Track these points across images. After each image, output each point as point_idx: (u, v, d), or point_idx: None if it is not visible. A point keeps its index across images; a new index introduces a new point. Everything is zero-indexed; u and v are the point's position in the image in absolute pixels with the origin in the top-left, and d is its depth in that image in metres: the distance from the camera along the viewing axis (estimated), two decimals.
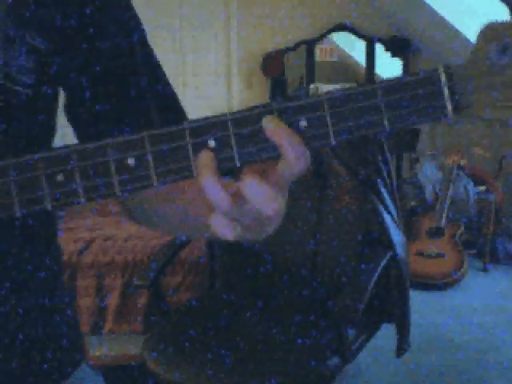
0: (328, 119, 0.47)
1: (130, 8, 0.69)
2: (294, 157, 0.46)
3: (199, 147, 0.48)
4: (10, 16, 0.60)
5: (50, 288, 0.70)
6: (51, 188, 0.49)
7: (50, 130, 0.70)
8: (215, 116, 0.49)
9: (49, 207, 0.49)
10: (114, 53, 0.67)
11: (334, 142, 0.48)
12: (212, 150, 0.48)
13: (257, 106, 0.49)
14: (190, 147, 0.48)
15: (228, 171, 0.52)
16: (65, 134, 0.79)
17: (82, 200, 0.49)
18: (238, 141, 0.48)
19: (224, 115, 0.48)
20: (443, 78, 0.46)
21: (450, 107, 0.46)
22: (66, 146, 0.49)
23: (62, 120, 0.71)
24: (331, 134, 0.47)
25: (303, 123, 0.48)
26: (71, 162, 0.49)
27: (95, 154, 0.48)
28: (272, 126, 0.47)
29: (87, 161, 0.48)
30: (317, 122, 0.47)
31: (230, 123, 0.48)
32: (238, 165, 0.49)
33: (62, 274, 0.75)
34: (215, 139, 0.48)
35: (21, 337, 0.66)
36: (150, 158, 0.48)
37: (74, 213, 3.02)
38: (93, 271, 2.32)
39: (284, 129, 0.46)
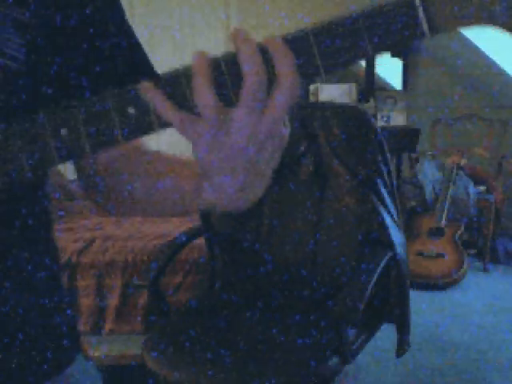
0: (315, 49, 0.50)
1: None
2: (290, 83, 0.50)
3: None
4: None
5: (50, 288, 0.70)
6: (57, 142, 0.50)
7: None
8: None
9: (57, 161, 0.51)
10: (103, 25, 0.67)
11: (322, 71, 0.51)
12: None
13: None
14: (187, 92, 0.50)
15: None
16: None
17: (87, 150, 0.51)
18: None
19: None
20: (417, 0, 0.49)
21: (425, 26, 0.49)
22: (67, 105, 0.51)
23: None
24: (319, 61, 0.50)
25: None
26: (74, 116, 0.50)
27: (96, 106, 0.50)
28: (280, 50, 0.49)
29: (89, 112, 0.50)
30: (304, 53, 0.51)
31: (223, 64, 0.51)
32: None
33: (60, 274, 0.75)
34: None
35: (21, 337, 0.66)
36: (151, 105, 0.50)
37: (74, 213, 3.02)
38: (93, 271, 2.32)
39: (290, 56, 0.49)
